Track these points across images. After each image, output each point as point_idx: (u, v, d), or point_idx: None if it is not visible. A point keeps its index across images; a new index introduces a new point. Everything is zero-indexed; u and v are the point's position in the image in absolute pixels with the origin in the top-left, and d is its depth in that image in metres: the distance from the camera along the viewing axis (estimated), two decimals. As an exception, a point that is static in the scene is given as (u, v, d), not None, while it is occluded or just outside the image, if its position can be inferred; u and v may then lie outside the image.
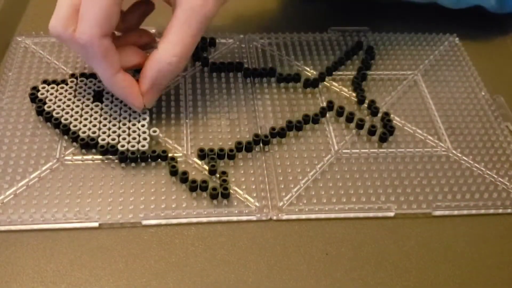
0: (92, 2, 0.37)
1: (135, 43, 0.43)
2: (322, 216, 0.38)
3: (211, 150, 0.40)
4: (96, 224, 0.36)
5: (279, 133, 0.42)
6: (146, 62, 0.41)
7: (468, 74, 0.49)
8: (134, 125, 0.42)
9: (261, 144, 0.42)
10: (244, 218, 0.38)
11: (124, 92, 0.41)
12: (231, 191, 0.38)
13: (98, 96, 0.43)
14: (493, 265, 0.36)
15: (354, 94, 0.46)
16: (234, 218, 0.37)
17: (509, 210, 0.39)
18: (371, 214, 0.38)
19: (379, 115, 0.44)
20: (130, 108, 0.43)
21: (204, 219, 0.37)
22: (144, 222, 0.37)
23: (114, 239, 0.36)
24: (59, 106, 0.42)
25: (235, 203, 0.38)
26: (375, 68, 0.49)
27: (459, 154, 0.42)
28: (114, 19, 0.38)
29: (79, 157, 0.40)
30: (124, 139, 0.41)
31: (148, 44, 0.45)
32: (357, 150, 0.42)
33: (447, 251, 0.37)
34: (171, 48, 0.39)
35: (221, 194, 0.38)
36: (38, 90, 0.43)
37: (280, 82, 0.47)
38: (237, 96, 0.45)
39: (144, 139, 0.41)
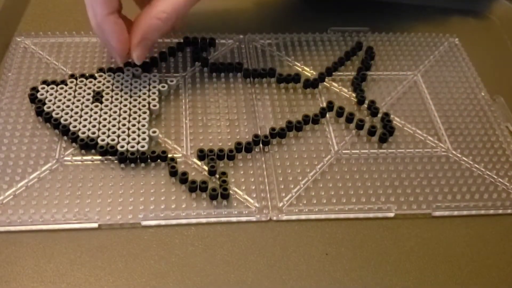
0: None
1: None
2: (322, 216, 0.38)
3: (211, 150, 0.40)
4: (95, 225, 0.36)
5: (279, 134, 0.42)
6: (138, 16, 0.42)
7: (468, 74, 0.49)
8: (133, 125, 0.42)
9: (260, 145, 0.42)
10: (244, 218, 0.37)
11: (112, 36, 0.40)
12: (230, 191, 0.38)
13: (98, 96, 0.43)
14: (493, 265, 0.36)
15: (354, 95, 0.46)
16: (234, 219, 0.37)
17: (509, 211, 0.39)
18: (371, 215, 0.38)
19: (379, 115, 0.44)
20: (130, 109, 0.43)
21: (204, 220, 0.37)
22: (144, 223, 0.37)
23: (114, 240, 0.36)
24: (58, 107, 0.42)
25: (235, 204, 0.38)
26: (375, 68, 0.49)
27: (459, 155, 0.42)
28: None
29: (79, 158, 0.40)
30: (123, 139, 0.41)
31: None
32: (357, 151, 0.42)
33: (447, 251, 0.37)
34: (162, 3, 0.41)
35: (221, 194, 0.38)
36: (38, 91, 0.43)
37: (280, 82, 0.47)
38: (237, 96, 0.45)
39: (144, 139, 0.41)
